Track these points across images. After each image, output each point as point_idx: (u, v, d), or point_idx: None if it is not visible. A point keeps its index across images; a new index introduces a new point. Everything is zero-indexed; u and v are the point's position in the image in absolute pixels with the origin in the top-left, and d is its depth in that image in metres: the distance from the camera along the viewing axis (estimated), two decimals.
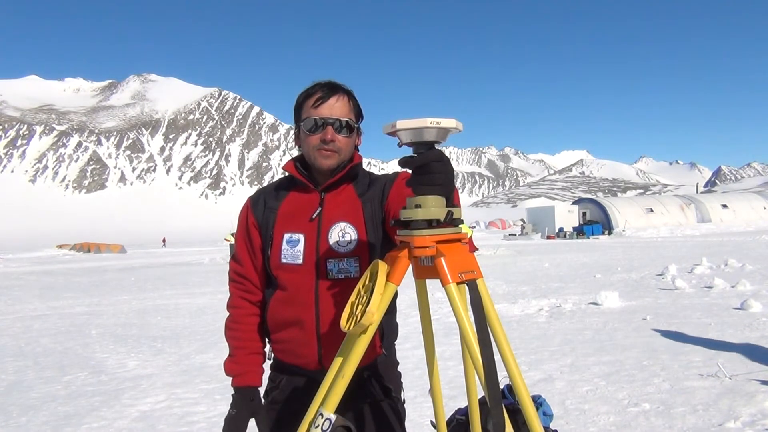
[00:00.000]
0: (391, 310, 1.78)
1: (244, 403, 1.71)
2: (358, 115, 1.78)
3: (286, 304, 1.71)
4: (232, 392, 1.75)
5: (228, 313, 1.82)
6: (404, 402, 1.84)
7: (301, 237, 1.70)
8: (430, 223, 1.35)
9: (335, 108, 1.70)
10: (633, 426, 3.75)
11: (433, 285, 1.48)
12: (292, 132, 1.84)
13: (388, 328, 1.77)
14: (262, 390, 1.87)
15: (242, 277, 1.80)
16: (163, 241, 71.36)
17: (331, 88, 1.72)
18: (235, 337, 1.78)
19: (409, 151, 1.37)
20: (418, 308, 1.60)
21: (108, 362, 6.44)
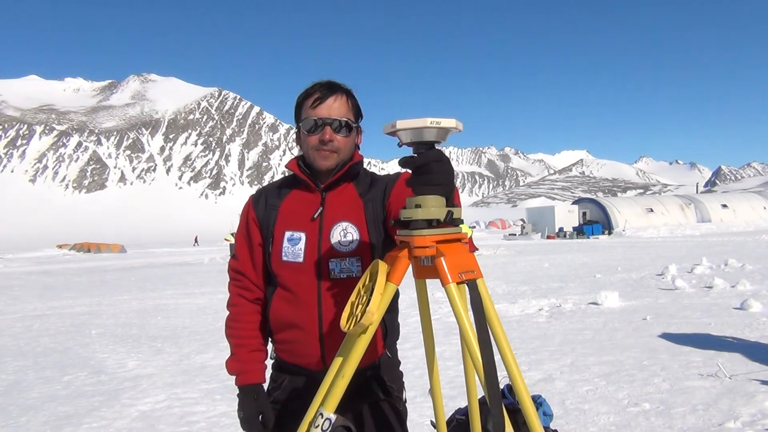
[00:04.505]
0: (393, 309, 1.78)
1: (249, 402, 1.72)
2: (358, 114, 1.78)
3: (288, 304, 1.71)
4: (237, 392, 1.75)
5: (228, 312, 1.82)
6: (406, 402, 1.84)
7: (303, 235, 1.71)
8: (430, 223, 1.35)
9: (333, 108, 1.70)
10: (633, 426, 3.75)
11: (433, 285, 1.48)
12: (292, 132, 1.85)
13: (390, 328, 1.77)
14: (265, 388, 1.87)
15: (240, 274, 1.80)
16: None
17: (329, 88, 1.72)
18: (234, 336, 1.78)
19: (409, 151, 1.37)
20: (418, 308, 1.60)
21: (108, 362, 6.44)
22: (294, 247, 1.70)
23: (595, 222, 40.50)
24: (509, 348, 1.39)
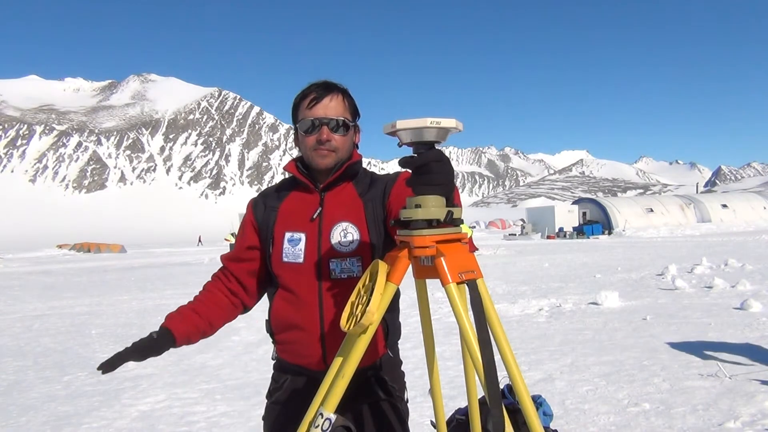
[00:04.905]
0: (394, 309, 1.78)
1: (145, 339, 1.68)
2: (354, 113, 1.79)
3: (289, 304, 1.72)
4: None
5: None
6: (407, 402, 1.84)
7: (303, 236, 1.71)
8: (430, 223, 1.35)
9: (330, 108, 1.71)
10: (633, 426, 3.75)
11: (433, 285, 1.48)
12: (292, 132, 1.85)
13: (392, 328, 1.77)
14: (264, 390, 1.87)
15: (224, 265, 1.88)
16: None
17: (325, 88, 1.73)
18: (194, 298, 1.84)
19: (409, 151, 1.37)
20: (418, 308, 1.60)
21: None
22: (294, 247, 1.71)
23: (595, 222, 40.50)
24: (509, 348, 1.39)
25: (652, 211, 43.11)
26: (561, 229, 39.87)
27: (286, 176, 1.86)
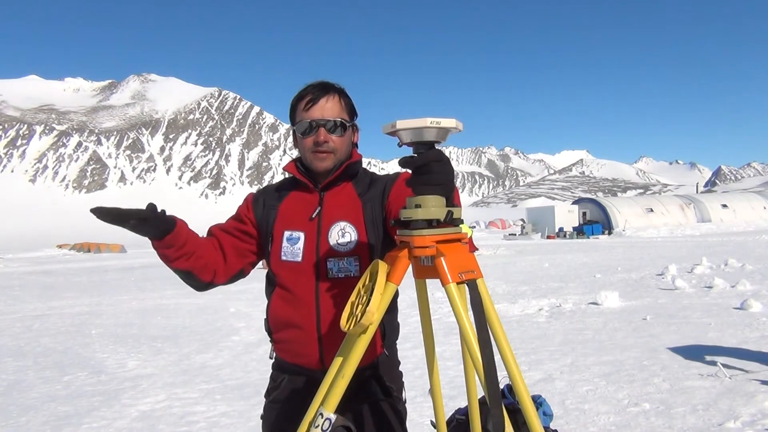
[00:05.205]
0: (392, 309, 1.78)
1: (160, 213, 1.58)
2: (352, 112, 1.79)
3: (286, 303, 1.72)
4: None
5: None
6: (406, 402, 1.84)
7: (301, 235, 1.72)
8: (430, 223, 1.35)
9: (326, 109, 1.71)
10: (633, 426, 3.75)
11: (433, 285, 1.48)
12: (291, 133, 1.85)
13: (389, 328, 1.78)
14: (263, 389, 1.87)
15: (213, 233, 1.82)
16: None
17: (321, 89, 1.73)
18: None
19: (409, 151, 1.37)
20: (418, 308, 1.60)
21: (108, 362, 6.45)
22: (293, 246, 1.71)
23: (595, 222, 40.46)
24: (509, 348, 1.39)
25: (652, 211, 43.08)
26: (561, 229, 39.83)
27: (286, 176, 1.86)
